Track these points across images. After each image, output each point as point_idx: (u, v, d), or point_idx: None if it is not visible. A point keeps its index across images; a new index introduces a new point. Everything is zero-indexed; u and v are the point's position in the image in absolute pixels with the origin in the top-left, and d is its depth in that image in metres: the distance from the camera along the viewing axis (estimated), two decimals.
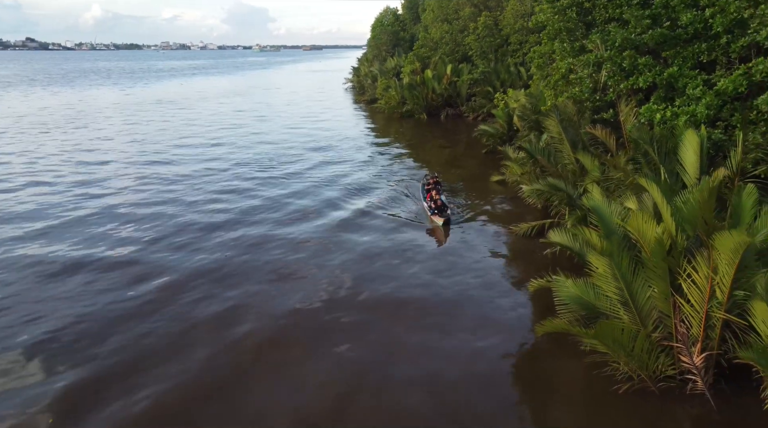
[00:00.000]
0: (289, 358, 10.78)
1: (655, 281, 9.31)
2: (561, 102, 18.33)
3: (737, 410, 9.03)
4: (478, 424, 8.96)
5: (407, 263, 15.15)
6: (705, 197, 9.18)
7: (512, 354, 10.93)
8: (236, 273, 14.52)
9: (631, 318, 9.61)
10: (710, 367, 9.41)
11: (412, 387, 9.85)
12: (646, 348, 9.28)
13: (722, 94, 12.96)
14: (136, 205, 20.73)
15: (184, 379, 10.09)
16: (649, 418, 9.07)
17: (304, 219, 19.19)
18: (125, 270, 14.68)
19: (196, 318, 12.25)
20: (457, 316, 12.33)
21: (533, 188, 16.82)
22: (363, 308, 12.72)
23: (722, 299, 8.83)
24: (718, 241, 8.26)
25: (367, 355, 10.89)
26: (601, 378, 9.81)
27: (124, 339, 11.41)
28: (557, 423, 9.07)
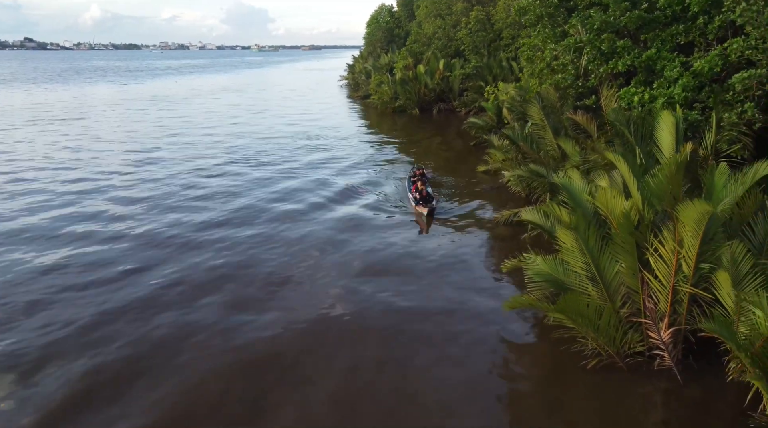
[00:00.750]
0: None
1: (623, 255, 9.24)
2: (544, 89, 18.29)
3: (703, 383, 8.98)
4: (442, 402, 8.88)
5: (387, 249, 15.09)
6: (673, 172, 9.12)
7: (483, 335, 10.83)
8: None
9: (599, 294, 9.55)
10: (678, 342, 9.34)
11: (382, 366, 9.82)
12: (614, 323, 9.22)
13: (699, 75, 12.92)
14: (127, 199, 20.62)
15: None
16: (616, 393, 9.00)
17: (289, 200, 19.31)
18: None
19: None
20: (434, 299, 12.23)
21: (514, 173, 16.78)
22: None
23: (688, 273, 8.77)
24: (682, 212, 8.21)
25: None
26: (569, 354, 9.75)
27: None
28: (523, 399, 9.01)
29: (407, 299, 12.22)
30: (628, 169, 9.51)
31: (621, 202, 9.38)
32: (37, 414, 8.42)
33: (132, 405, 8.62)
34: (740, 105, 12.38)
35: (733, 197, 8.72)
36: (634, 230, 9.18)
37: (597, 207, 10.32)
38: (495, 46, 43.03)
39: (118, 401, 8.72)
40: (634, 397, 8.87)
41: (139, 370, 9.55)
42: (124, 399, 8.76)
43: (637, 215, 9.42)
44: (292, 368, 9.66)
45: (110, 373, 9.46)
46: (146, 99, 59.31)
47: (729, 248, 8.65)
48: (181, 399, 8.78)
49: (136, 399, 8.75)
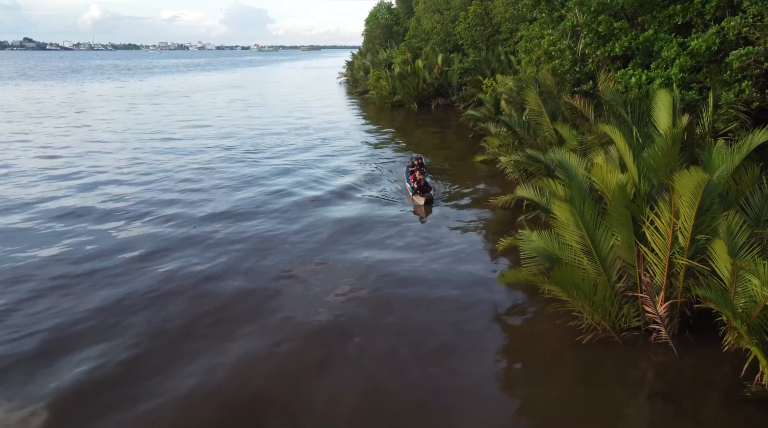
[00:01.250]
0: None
1: (618, 229, 9.15)
2: (541, 75, 18.20)
3: (699, 356, 8.89)
4: (433, 379, 8.77)
5: (391, 237, 15.01)
6: (669, 144, 9.03)
7: (477, 312, 10.72)
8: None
9: (594, 268, 9.46)
10: (674, 316, 9.26)
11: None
12: (609, 297, 9.14)
13: (696, 55, 12.83)
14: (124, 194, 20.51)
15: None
16: (611, 367, 8.92)
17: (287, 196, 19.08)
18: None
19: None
20: (434, 284, 12.12)
21: (511, 159, 16.68)
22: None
23: (684, 245, 8.68)
24: (678, 181, 8.11)
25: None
26: (565, 329, 9.67)
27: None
28: (517, 374, 8.91)
29: (403, 283, 12.13)
30: (624, 141, 9.42)
31: (617, 176, 9.30)
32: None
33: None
34: (738, 84, 12.28)
35: (730, 166, 8.60)
36: (630, 203, 9.09)
37: (593, 183, 10.25)
38: (494, 40, 42.91)
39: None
40: (630, 371, 8.77)
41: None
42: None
43: (633, 188, 9.34)
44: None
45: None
46: (143, 94, 59.20)
47: (725, 219, 8.57)
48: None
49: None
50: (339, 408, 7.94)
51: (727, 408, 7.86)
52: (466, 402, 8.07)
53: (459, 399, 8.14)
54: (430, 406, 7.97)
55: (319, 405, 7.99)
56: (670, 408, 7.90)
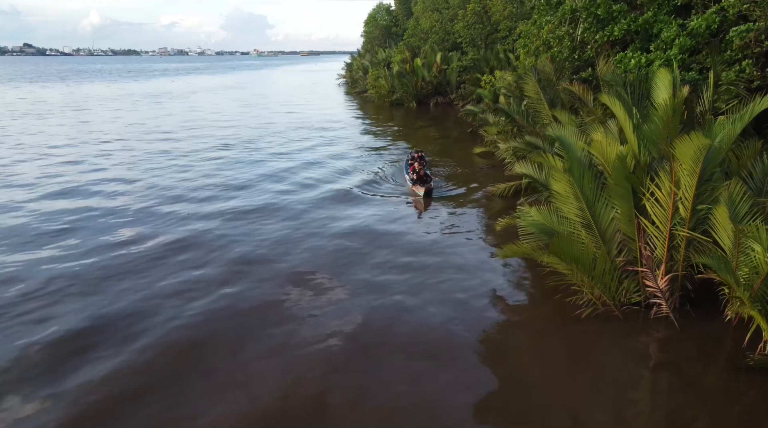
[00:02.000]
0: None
1: (618, 201, 9.01)
2: (540, 63, 18.09)
3: (701, 329, 8.74)
4: (432, 353, 8.60)
5: (394, 226, 14.85)
6: (669, 115, 8.91)
7: (477, 289, 10.56)
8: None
9: (593, 242, 9.30)
10: (675, 290, 9.11)
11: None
12: (609, 270, 8.98)
13: (696, 35, 12.72)
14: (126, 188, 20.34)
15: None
16: (611, 341, 8.76)
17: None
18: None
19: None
20: (432, 269, 11.95)
21: (510, 146, 16.54)
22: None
23: (685, 216, 8.55)
24: (679, 149, 7.98)
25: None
26: (564, 305, 9.51)
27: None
28: (516, 349, 8.73)
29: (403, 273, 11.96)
30: (624, 111, 9.29)
31: (616, 147, 9.16)
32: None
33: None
34: (738, 64, 12.17)
35: (731, 133, 8.45)
36: (630, 175, 8.96)
37: (592, 158, 10.12)
38: (492, 38, 42.87)
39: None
40: (631, 345, 8.61)
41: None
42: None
43: (633, 160, 9.20)
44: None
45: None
46: (142, 95, 59.12)
47: (727, 189, 8.42)
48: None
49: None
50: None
51: (730, 377, 7.70)
52: (463, 376, 7.89)
53: (456, 374, 7.95)
54: (425, 379, 7.78)
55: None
56: (673, 379, 7.74)
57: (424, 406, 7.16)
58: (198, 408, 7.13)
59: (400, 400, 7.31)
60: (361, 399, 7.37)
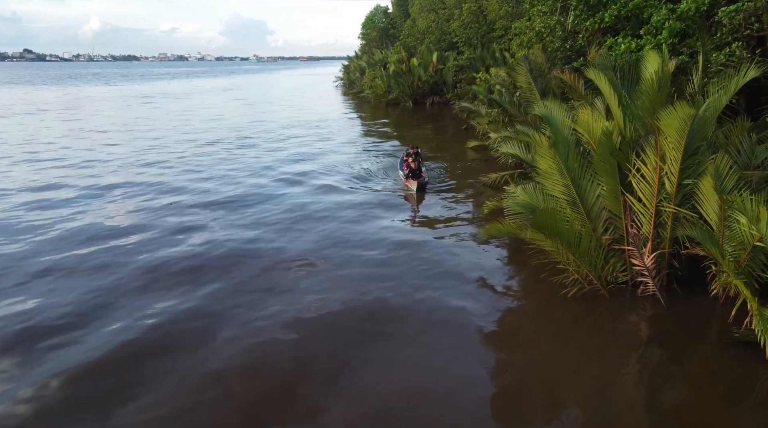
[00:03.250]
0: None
1: (604, 177, 8.86)
2: (532, 54, 18.00)
3: (688, 306, 8.58)
4: (420, 335, 8.41)
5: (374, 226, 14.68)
6: (655, 89, 8.76)
7: (464, 273, 10.37)
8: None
9: (579, 219, 9.14)
10: (662, 268, 8.95)
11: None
12: (594, 248, 8.82)
13: (686, 18, 12.59)
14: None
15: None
16: (598, 320, 8.58)
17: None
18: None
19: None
20: (417, 255, 11.78)
21: (501, 135, 16.40)
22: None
23: (671, 191, 8.40)
24: (663, 120, 7.85)
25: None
26: (550, 285, 9.36)
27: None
28: (501, 331, 8.53)
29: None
30: (609, 86, 9.15)
31: (602, 123, 9.02)
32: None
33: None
34: (728, 47, 12.03)
35: (717, 103, 8.31)
36: (616, 151, 8.81)
37: (579, 136, 9.96)
38: (488, 37, 42.83)
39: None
40: (618, 324, 8.43)
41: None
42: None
43: (619, 137, 9.05)
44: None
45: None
46: (139, 96, 59.08)
47: (713, 162, 8.27)
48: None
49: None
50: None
51: (716, 351, 7.54)
52: (448, 358, 7.68)
53: (439, 357, 7.75)
54: (417, 365, 7.56)
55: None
56: (660, 355, 7.58)
57: (405, 391, 6.93)
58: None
59: (380, 387, 7.08)
60: (337, 382, 7.16)
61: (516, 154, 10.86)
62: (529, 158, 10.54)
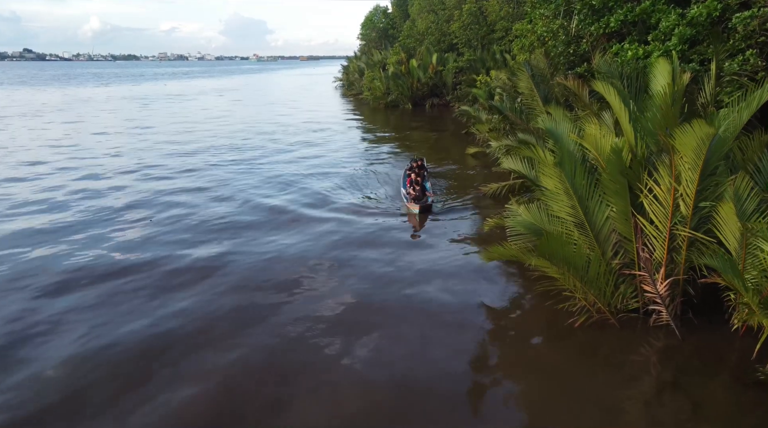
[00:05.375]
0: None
1: (614, 198, 8.26)
2: (534, 59, 17.38)
3: (705, 339, 7.97)
4: (425, 373, 7.82)
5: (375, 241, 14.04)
6: (668, 103, 8.13)
7: (462, 299, 9.75)
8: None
9: (587, 242, 8.53)
10: (676, 295, 8.33)
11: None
12: (603, 274, 8.21)
13: (696, 24, 11.98)
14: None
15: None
16: (607, 352, 7.98)
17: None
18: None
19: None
20: (412, 276, 11.20)
21: (502, 144, 15.79)
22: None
23: (687, 214, 7.78)
24: (680, 139, 7.23)
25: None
26: (556, 312, 8.77)
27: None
28: (505, 361, 7.94)
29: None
30: (619, 99, 8.54)
31: (611, 139, 8.40)
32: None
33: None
34: (741, 54, 11.42)
35: (737, 122, 7.69)
36: (627, 169, 8.20)
37: (585, 152, 9.35)
38: (489, 39, 42.21)
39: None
40: (629, 356, 7.83)
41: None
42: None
43: (629, 154, 8.43)
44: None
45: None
46: (152, 96, 58.50)
47: (732, 184, 7.66)
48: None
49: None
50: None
51: (737, 392, 6.92)
52: (446, 392, 7.09)
53: (439, 388, 7.16)
54: (410, 399, 6.99)
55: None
56: (674, 394, 6.97)
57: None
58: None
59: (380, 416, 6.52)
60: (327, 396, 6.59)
61: (519, 170, 10.24)
62: (533, 174, 9.92)
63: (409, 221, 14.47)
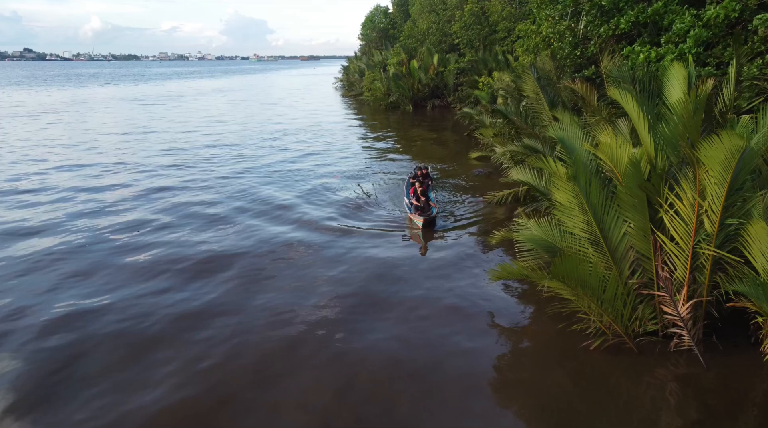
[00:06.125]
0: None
1: (632, 213, 7.68)
2: (540, 61, 16.81)
3: (732, 367, 7.38)
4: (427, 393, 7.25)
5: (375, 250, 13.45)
6: (690, 112, 7.56)
7: (469, 320, 9.18)
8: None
9: (603, 261, 7.95)
10: (699, 318, 7.75)
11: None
12: (621, 295, 7.64)
13: (713, 26, 11.41)
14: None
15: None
16: (624, 380, 7.38)
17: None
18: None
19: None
20: (415, 295, 10.64)
21: (507, 150, 15.20)
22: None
23: (711, 231, 7.21)
24: (706, 151, 6.66)
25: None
26: (569, 334, 8.20)
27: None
28: (514, 388, 7.37)
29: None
30: (637, 107, 7.95)
31: (628, 150, 7.82)
32: None
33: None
34: (761, 58, 10.86)
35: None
36: (645, 182, 7.62)
37: (599, 163, 8.78)
38: (491, 39, 41.64)
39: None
40: (648, 384, 7.25)
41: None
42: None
43: (648, 165, 7.86)
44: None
45: None
46: (154, 96, 57.94)
47: (762, 199, 7.08)
48: None
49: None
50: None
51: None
52: (450, 420, 6.54)
53: (443, 416, 6.61)
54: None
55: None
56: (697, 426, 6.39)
57: None
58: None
59: None
60: None
61: (528, 182, 9.66)
62: (542, 185, 9.34)
63: (411, 237, 13.46)
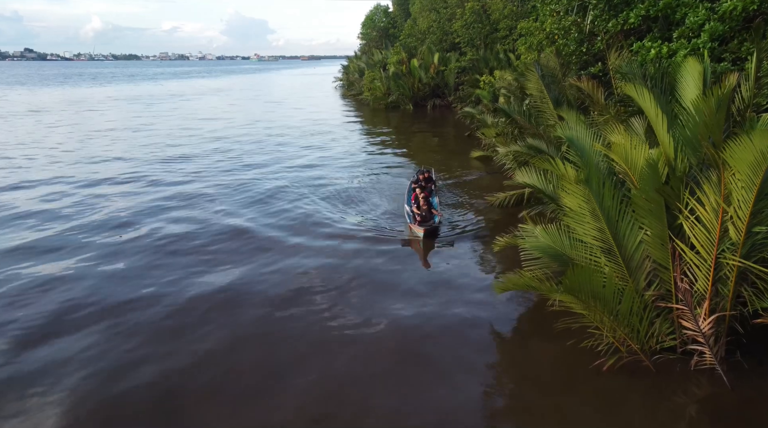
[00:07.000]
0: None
1: (648, 219, 7.05)
2: (544, 58, 16.19)
3: (758, 388, 6.76)
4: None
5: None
6: (712, 109, 6.91)
7: (471, 335, 8.54)
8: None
9: (617, 271, 7.32)
10: (721, 334, 7.13)
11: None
12: (636, 309, 7.01)
13: (729, 19, 10.78)
14: None
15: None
16: (640, 401, 6.75)
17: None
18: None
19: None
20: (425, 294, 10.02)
21: (510, 150, 14.57)
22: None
23: (737, 240, 6.58)
24: (732, 153, 6.03)
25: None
26: (580, 351, 7.55)
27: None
28: (521, 412, 6.75)
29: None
30: (655, 104, 7.34)
31: (644, 151, 7.20)
32: None
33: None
34: None
35: None
36: (663, 186, 6.99)
37: (612, 165, 8.16)
38: (492, 38, 41.02)
39: None
40: (666, 406, 6.62)
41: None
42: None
43: (665, 166, 7.24)
44: None
45: None
46: (156, 96, 57.36)
47: None
48: None
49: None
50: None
51: None
52: None
53: None
54: None
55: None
56: None
57: None
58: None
59: None
60: None
61: (534, 185, 9.03)
62: (550, 189, 8.71)
63: (411, 248, 12.54)
